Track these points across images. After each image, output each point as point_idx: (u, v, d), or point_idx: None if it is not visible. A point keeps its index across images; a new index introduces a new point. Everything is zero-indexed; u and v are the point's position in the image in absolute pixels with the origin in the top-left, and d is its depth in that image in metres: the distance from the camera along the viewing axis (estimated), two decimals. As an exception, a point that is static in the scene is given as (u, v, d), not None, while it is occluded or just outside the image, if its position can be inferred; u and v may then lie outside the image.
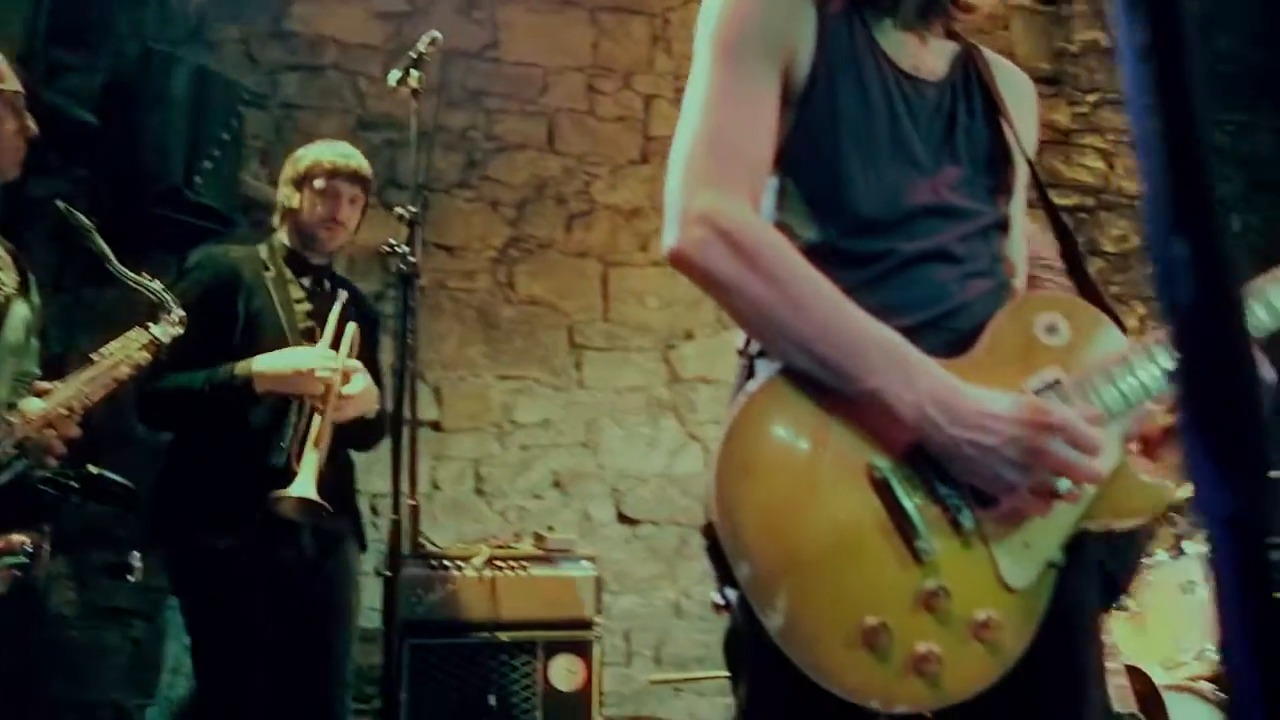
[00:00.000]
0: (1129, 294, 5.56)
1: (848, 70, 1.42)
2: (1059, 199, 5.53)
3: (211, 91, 4.01)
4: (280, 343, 2.80)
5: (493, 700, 3.29)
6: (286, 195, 2.97)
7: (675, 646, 4.45)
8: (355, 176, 2.95)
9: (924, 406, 1.23)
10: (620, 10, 5.00)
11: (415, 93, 2.82)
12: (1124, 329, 1.43)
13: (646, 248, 4.74)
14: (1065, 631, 1.35)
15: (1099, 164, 5.63)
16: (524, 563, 3.45)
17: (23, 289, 2.46)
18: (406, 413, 2.78)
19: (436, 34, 2.97)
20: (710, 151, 1.34)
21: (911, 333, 1.31)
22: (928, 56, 1.49)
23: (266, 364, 2.71)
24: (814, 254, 1.36)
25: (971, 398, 1.24)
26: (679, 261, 1.31)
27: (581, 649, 3.44)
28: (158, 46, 4.00)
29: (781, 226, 1.40)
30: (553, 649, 3.41)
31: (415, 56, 2.94)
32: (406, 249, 2.49)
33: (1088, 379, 1.31)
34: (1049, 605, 1.28)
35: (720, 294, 1.31)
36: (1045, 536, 1.27)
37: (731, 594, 1.23)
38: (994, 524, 1.26)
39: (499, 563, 3.42)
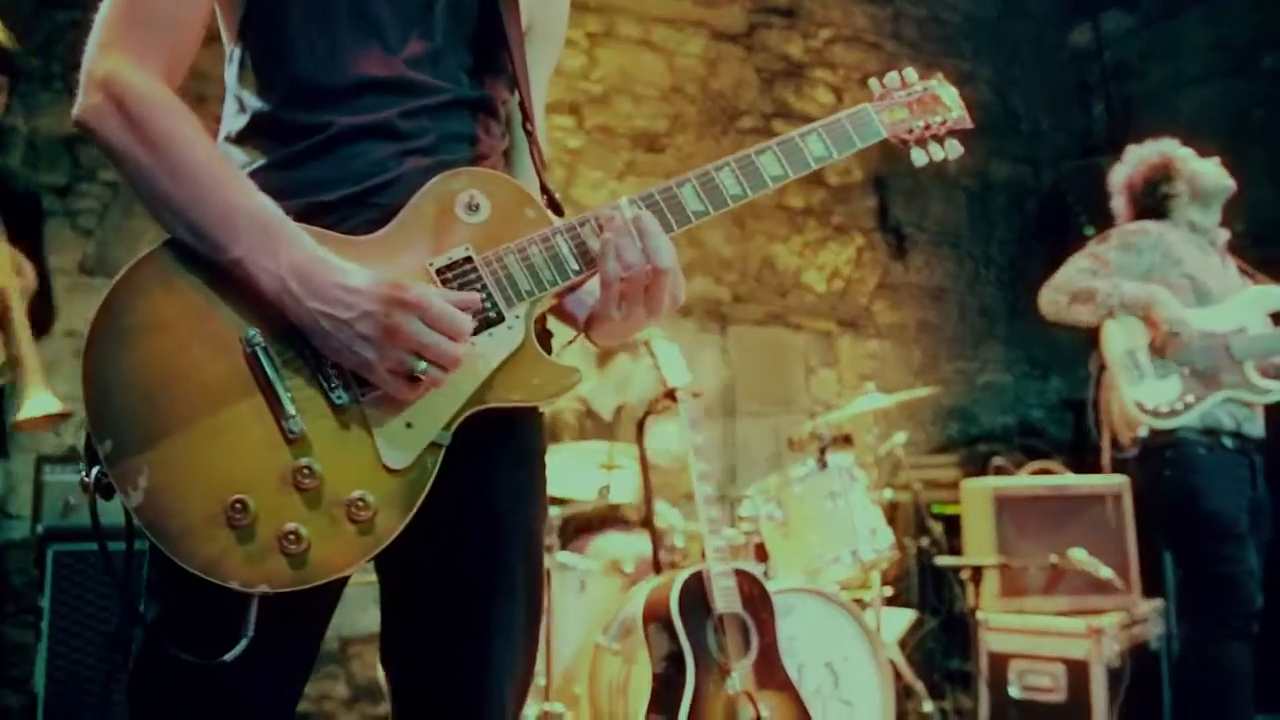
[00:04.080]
0: (849, 225, 5.84)
1: None
2: (787, 128, 5.70)
3: None
4: None
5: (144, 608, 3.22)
6: None
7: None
8: None
9: (284, 278, 1.21)
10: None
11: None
12: (560, 212, 1.45)
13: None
14: (480, 515, 1.38)
15: (829, 98, 5.83)
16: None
17: None
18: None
19: None
20: (127, 14, 1.29)
21: (335, 208, 1.31)
22: None
23: None
24: (257, 126, 1.35)
25: (335, 271, 1.22)
26: (80, 128, 1.27)
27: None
28: None
29: (237, 99, 1.39)
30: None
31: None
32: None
33: (499, 257, 1.32)
34: (451, 485, 1.28)
35: (114, 162, 1.27)
36: (428, 417, 1.27)
37: (94, 472, 1.19)
38: (374, 404, 1.25)
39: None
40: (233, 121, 1.39)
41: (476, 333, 1.28)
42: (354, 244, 1.28)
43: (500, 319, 1.31)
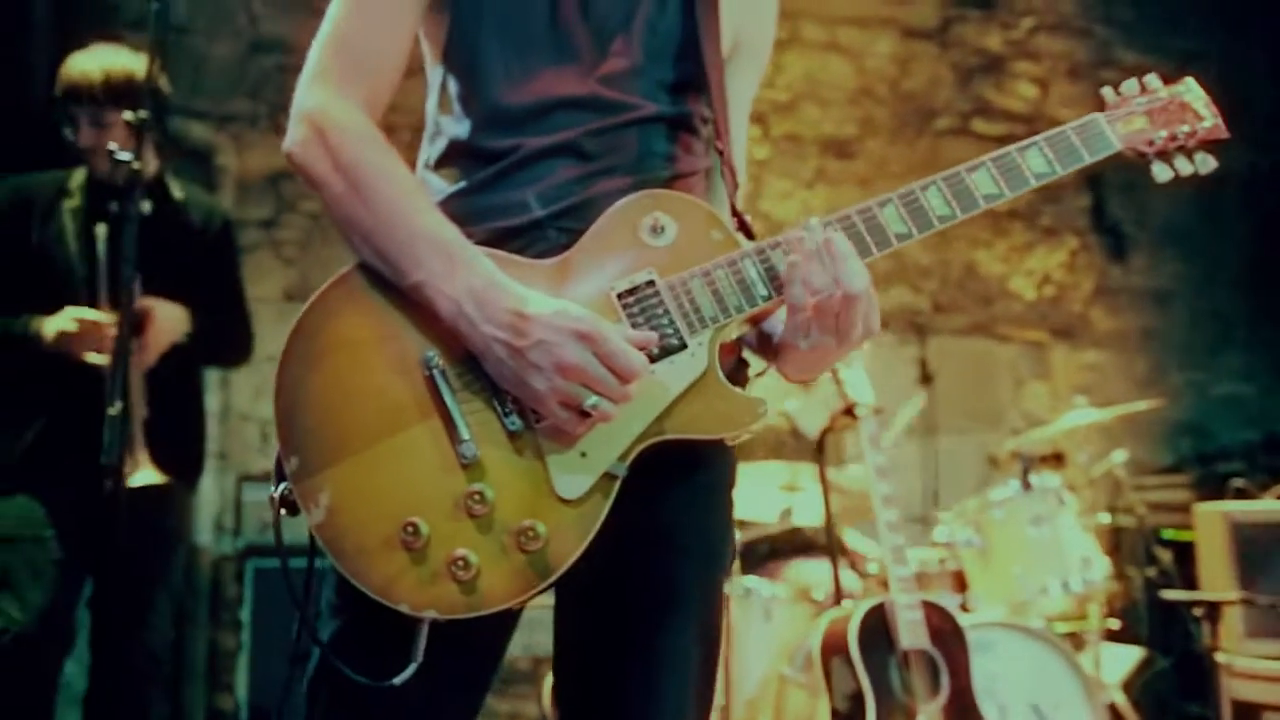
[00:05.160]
0: (1061, 226, 5.43)
1: None
2: (988, 127, 5.37)
3: (80, 13, 3.95)
4: (68, 276, 2.72)
5: (322, 626, 3.31)
6: (59, 115, 2.78)
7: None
8: (99, 95, 2.68)
9: (460, 301, 1.20)
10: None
11: None
12: (751, 235, 1.37)
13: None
14: (657, 548, 1.33)
15: (1032, 91, 5.45)
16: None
17: None
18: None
19: None
20: (334, 52, 1.34)
21: (522, 232, 1.30)
22: None
23: (46, 326, 2.62)
24: (452, 152, 1.38)
25: (512, 297, 1.20)
26: (290, 162, 1.32)
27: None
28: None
29: (436, 125, 1.42)
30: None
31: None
32: (129, 156, 2.33)
33: (683, 282, 1.26)
34: (628, 517, 1.24)
35: (315, 189, 1.31)
36: (603, 446, 1.22)
37: (281, 488, 1.21)
38: (548, 432, 1.22)
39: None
40: (430, 148, 1.42)
41: (657, 360, 1.24)
42: (537, 268, 1.27)
43: (683, 346, 1.25)
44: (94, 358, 2.61)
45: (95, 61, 2.72)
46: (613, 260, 1.27)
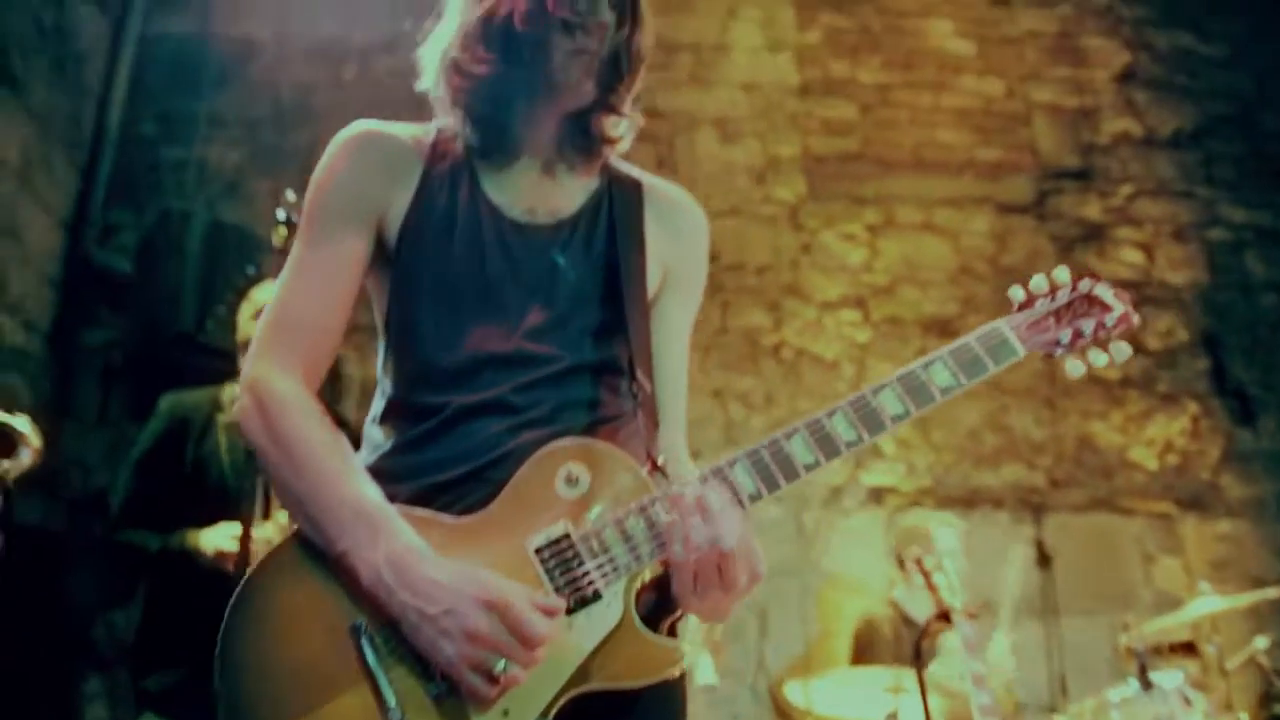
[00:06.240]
0: (1179, 391, 5.26)
1: (439, 226, 1.46)
2: (1094, 296, 5.31)
3: (226, 243, 4.37)
4: (221, 489, 2.91)
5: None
6: (248, 332, 3.07)
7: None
8: None
9: (379, 569, 1.25)
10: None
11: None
12: (665, 475, 1.40)
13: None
14: None
15: (1137, 257, 5.39)
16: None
17: None
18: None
19: None
20: (275, 323, 1.44)
21: (450, 487, 1.35)
22: (555, 198, 1.51)
23: (204, 542, 2.81)
24: (390, 409, 1.45)
25: (428, 565, 1.24)
26: (238, 428, 1.42)
27: None
28: (175, 205, 4.39)
29: (380, 385, 1.49)
30: None
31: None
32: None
33: (597, 533, 1.30)
34: None
35: (259, 458, 1.39)
36: (525, 704, 1.24)
37: None
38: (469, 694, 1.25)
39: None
40: (375, 405, 1.50)
41: (573, 611, 1.28)
42: (459, 528, 1.31)
43: (598, 597, 1.29)
44: None
45: None
46: (531, 514, 1.31)
